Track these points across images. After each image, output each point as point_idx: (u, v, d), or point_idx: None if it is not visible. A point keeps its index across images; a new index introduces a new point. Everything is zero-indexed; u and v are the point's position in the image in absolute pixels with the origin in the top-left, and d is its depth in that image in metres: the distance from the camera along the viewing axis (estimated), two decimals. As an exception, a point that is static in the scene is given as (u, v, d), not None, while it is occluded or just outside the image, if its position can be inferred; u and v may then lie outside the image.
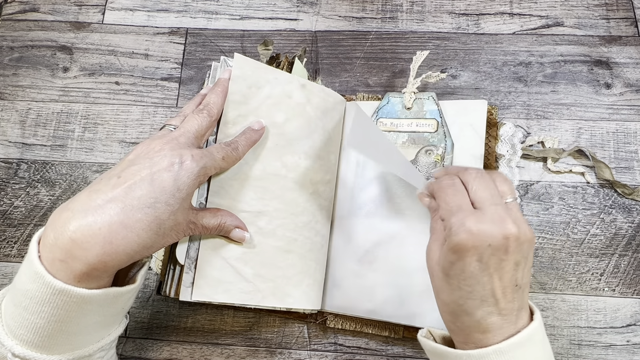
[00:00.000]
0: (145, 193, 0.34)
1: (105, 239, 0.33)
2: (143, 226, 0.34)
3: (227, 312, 0.50)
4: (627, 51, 0.55)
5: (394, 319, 0.45)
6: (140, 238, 0.34)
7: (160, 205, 0.35)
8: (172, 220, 0.36)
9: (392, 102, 0.51)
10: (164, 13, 0.60)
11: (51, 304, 0.32)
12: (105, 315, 0.36)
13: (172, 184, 0.35)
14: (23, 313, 0.33)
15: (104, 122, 0.56)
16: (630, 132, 0.52)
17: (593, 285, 0.48)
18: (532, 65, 0.55)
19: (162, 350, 0.49)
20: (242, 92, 0.44)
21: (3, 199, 0.54)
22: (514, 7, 0.58)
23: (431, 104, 0.50)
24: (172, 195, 0.35)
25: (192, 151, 0.37)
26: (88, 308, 0.34)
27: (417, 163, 0.49)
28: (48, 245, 0.33)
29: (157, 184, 0.35)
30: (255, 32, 0.59)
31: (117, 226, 0.33)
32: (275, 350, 0.48)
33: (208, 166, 0.38)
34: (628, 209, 0.50)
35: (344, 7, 0.59)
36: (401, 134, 0.50)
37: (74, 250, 0.32)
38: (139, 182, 0.34)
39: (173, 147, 0.37)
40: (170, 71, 0.58)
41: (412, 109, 0.51)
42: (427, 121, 0.50)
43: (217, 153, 0.39)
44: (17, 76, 0.58)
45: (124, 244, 0.33)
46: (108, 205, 0.33)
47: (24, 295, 0.33)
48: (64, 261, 0.32)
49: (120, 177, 0.35)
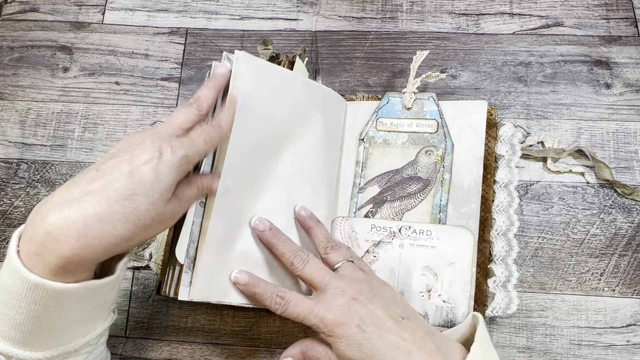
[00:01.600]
0: (123, 185, 0.34)
1: (80, 231, 0.32)
2: (120, 218, 0.33)
3: (227, 312, 0.50)
4: (627, 51, 0.55)
5: None
6: (117, 230, 0.33)
7: (138, 197, 0.34)
8: (153, 211, 0.35)
9: (392, 102, 0.51)
10: (164, 13, 0.60)
11: (28, 299, 0.32)
12: (86, 309, 0.36)
13: (151, 176, 0.34)
14: (2, 309, 0.33)
15: (104, 122, 0.56)
16: (630, 132, 0.52)
17: (593, 285, 0.48)
18: (532, 65, 0.55)
19: (162, 350, 0.49)
20: (244, 88, 0.44)
21: (3, 199, 0.54)
22: (514, 7, 0.58)
23: (431, 105, 0.50)
24: (151, 186, 0.34)
25: (172, 142, 0.36)
26: (66, 302, 0.33)
27: (417, 164, 0.49)
28: (26, 239, 0.33)
29: (135, 177, 0.34)
30: (255, 32, 0.59)
31: (92, 219, 0.32)
32: (275, 350, 0.48)
33: (190, 154, 0.37)
34: (628, 209, 0.50)
35: (344, 7, 0.59)
36: (401, 134, 0.50)
37: (48, 243, 0.32)
38: (117, 176, 0.34)
39: (154, 140, 0.36)
40: (170, 71, 0.58)
41: (412, 109, 0.51)
42: (427, 122, 0.50)
43: (197, 137, 0.38)
44: (17, 76, 0.58)
45: (99, 236, 0.33)
46: (84, 198, 0.33)
47: (3, 290, 0.33)
48: (40, 254, 0.32)
49: (98, 170, 0.34)
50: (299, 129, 0.47)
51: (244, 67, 0.44)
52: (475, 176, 0.48)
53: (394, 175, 0.49)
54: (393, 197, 0.49)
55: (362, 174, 0.50)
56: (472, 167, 0.48)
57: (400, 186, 0.49)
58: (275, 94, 0.46)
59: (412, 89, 0.51)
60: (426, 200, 0.48)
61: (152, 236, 0.37)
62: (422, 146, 0.49)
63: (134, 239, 0.35)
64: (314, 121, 0.48)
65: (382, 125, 0.51)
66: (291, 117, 0.46)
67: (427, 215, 0.47)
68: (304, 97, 0.47)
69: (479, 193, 0.47)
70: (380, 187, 0.49)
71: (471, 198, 0.47)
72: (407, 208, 0.48)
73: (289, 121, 0.46)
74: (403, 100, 0.51)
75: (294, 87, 0.47)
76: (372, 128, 0.51)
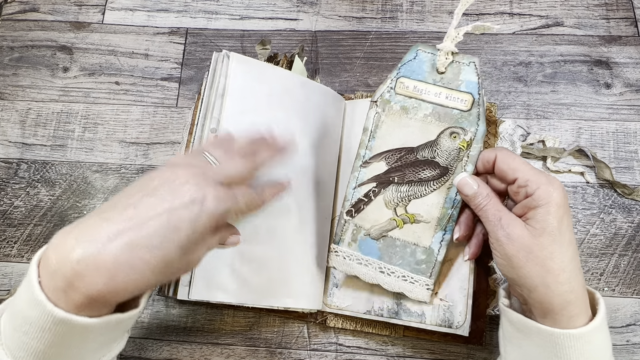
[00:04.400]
0: (157, 231, 0.32)
1: (109, 274, 0.31)
2: (149, 267, 0.32)
3: (227, 311, 0.50)
4: (627, 51, 0.55)
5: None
6: (144, 278, 0.33)
7: (170, 245, 0.33)
8: (183, 260, 0.34)
9: (420, 58, 0.40)
10: (164, 13, 0.60)
11: (52, 332, 0.32)
12: (108, 338, 0.36)
13: (188, 226, 0.33)
14: (23, 337, 0.32)
15: (104, 122, 0.56)
16: (630, 132, 0.52)
17: (593, 285, 0.48)
18: (532, 65, 0.55)
19: (162, 350, 0.49)
20: (241, 89, 0.44)
21: (3, 199, 0.54)
22: (514, 7, 0.58)
23: (470, 73, 0.40)
24: (186, 237, 0.33)
25: (218, 192, 0.34)
26: (90, 335, 0.33)
27: (438, 146, 0.41)
28: (50, 272, 0.32)
29: (171, 223, 0.33)
30: (255, 32, 0.59)
31: (122, 264, 0.32)
32: (275, 350, 0.48)
33: (230, 211, 0.36)
34: (628, 209, 0.50)
35: (344, 7, 0.59)
36: (424, 104, 0.41)
37: (75, 281, 0.31)
38: (154, 218, 0.32)
39: (198, 183, 0.34)
40: (170, 71, 0.58)
41: (445, 73, 0.40)
42: (460, 95, 0.40)
43: (241, 197, 0.36)
44: (17, 76, 0.58)
45: (125, 281, 0.32)
46: (116, 239, 0.32)
47: (24, 320, 0.32)
48: (65, 291, 0.31)
49: (136, 209, 0.33)
50: (297, 129, 0.47)
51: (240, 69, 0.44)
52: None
53: (407, 153, 0.42)
54: (401, 180, 0.42)
55: (369, 144, 0.42)
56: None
57: (412, 168, 0.42)
58: (272, 94, 0.46)
59: (450, 46, 0.39)
60: (439, 191, 0.41)
61: (176, 278, 0.38)
62: (448, 125, 0.41)
63: (159, 283, 0.35)
64: (312, 120, 0.48)
65: (403, 88, 0.41)
66: (289, 117, 0.46)
67: (437, 209, 0.41)
68: (302, 97, 0.47)
69: None
70: (388, 164, 0.42)
71: None
72: (416, 196, 0.42)
73: (288, 121, 0.46)
74: (435, 59, 0.40)
75: (292, 86, 0.47)
76: (390, 89, 0.41)
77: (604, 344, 0.36)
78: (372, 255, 0.43)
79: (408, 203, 0.42)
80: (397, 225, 0.43)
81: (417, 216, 0.42)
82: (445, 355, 0.47)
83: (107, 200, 0.34)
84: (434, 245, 0.42)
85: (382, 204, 0.43)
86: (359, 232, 0.43)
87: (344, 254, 0.44)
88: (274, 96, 0.46)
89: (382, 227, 0.43)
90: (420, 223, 0.42)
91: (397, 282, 0.43)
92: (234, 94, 0.43)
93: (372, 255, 0.43)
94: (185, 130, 0.52)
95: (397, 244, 0.43)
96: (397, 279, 0.43)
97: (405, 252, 0.43)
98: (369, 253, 0.43)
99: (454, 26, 0.38)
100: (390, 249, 0.43)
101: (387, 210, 0.43)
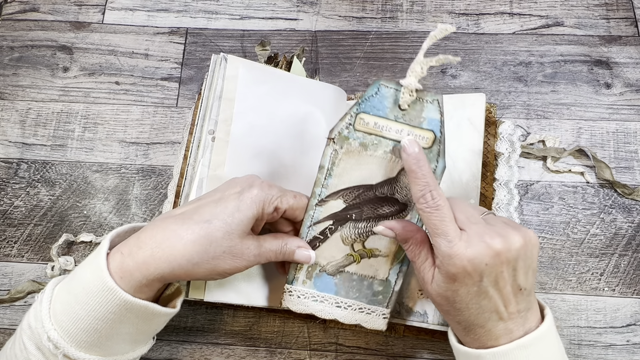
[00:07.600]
0: (208, 210, 0.37)
1: (156, 241, 0.35)
2: (193, 237, 0.35)
3: (227, 312, 0.50)
4: (627, 51, 0.55)
5: None
6: (185, 249, 0.35)
7: (217, 221, 0.36)
8: (226, 240, 0.36)
9: (382, 93, 0.38)
10: (164, 13, 0.60)
11: (97, 298, 0.34)
12: (138, 329, 0.37)
13: (234, 204, 0.37)
14: (71, 301, 0.35)
15: (104, 122, 0.56)
16: (630, 132, 0.52)
17: (593, 285, 0.48)
18: (532, 65, 0.55)
19: (162, 350, 0.49)
20: (238, 90, 0.44)
21: (3, 199, 0.54)
22: (514, 7, 0.58)
23: (433, 111, 0.38)
24: (231, 214, 0.36)
25: (265, 183, 0.39)
26: (127, 316, 0.35)
27: (397, 183, 0.40)
28: (126, 254, 0.36)
29: (221, 203, 0.37)
30: (255, 32, 0.59)
31: (170, 232, 0.36)
32: (275, 350, 0.48)
33: (275, 197, 0.39)
34: (628, 208, 0.50)
35: (344, 7, 0.59)
36: (385, 140, 0.39)
37: (131, 248, 0.36)
38: (209, 202, 0.38)
39: (251, 178, 0.40)
40: (170, 71, 0.58)
41: (407, 110, 0.38)
42: (422, 132, 0.38)
43: (289, 192, 0.40)
44: (17, 76, 0.58)
45: (169, 249, 0.35)
46: (174, 217, 0.37)
47: (79, 282, 0.35)
48: (122, 255, 0.35)
49: (200, 199, 0.39)
50: (299, 128, 0.47)
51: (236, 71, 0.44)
52: (474, 171, 0.46)
53: (366, 190, 0.40)
54: (359, 217, 0.41)
55: (324, 182, 0.40)
56: (470, 161, 0.47)
57: (370, 205, 0.41)
58: (272, 95, 0.46)
59: (414, 83, 0.37)
60: None
61: (218, 274, 0.38)
62: None
63: (199, 266, 0.36)
64: (313, 119, 0.48)
65: (363, 124, 0.39)
66: (290, 117, 0.46)
67: (395, 242, 0.41)
68: (301, 96, 0.47)
69: (478, 188, 0.46)
70: (345, 202, 0.41)
71: (470, 193, 0.46)
72: (374, 231, 0.40)
73: (289, 121, 0.46)
74: (398, 96, 0.38)
75: (291, 87, 0.47)
76: (348, 126, 0.39)
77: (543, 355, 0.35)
78: (328, 291, 0.42)
79: (366, 239, 0.41)
80: (354, 261, 0.42)
81: (374, 251, 0.42)
82: (446, 355, 0.47)
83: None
84: (391, 277, 0.42)
85: (339, 241, 0.41)
86: (315, 269, 0.42)
87: (298, 292, 0.42)
88: (274, 97, 0.46)
89: (338, 263, 0.42)
90: (378, 257, 0.42)
91: (354, 315, 0.42)
92: (228, 96, 0.44)
93: (328, 291, 0.42)
94: (185, 130, 0.52)
95: (354, 278, 0.42)
96: (353, 312, 0.42)
97: (362, 285, 0.42)
98: (324, 289, 0.42)
99: (418, 62, 0.37)
100: (347, 283, 0.42)
101: (344, 246, 0.42)
